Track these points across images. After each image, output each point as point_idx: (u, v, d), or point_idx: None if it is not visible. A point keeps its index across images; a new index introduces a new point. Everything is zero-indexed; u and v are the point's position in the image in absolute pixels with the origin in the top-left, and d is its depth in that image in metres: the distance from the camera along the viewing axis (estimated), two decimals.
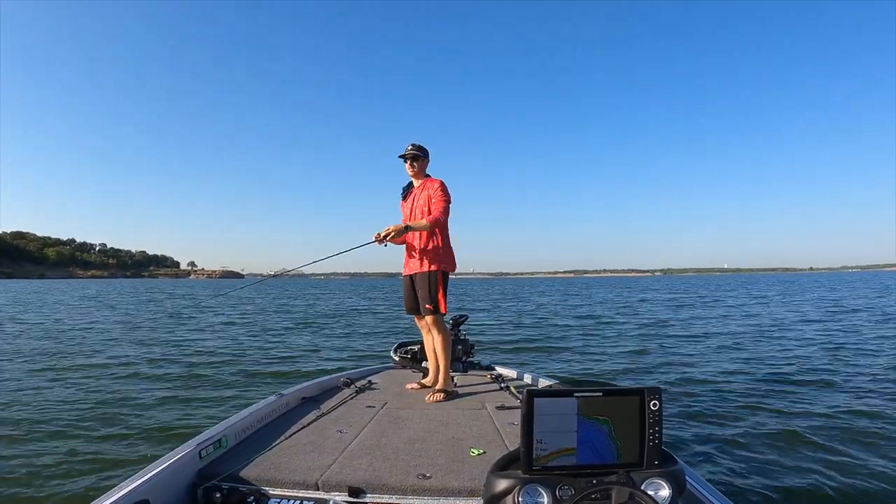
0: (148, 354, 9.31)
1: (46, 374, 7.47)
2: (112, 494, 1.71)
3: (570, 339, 11.49)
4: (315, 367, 8.15)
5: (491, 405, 3.16)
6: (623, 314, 18.69)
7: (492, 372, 4.19)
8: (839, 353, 8.79)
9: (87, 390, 6.36)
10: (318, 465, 2.11)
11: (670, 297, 32.64)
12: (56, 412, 5.31)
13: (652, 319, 16.20)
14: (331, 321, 17.17)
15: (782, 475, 3.66)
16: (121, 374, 7.45)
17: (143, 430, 4.70)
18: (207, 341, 11.31)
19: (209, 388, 6.59)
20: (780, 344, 10.14)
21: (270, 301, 29.91)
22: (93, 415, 5.23)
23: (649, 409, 1.46)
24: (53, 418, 5.09)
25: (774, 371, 7.41)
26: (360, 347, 10.53)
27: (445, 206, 3.59)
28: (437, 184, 3.66)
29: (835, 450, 4.10)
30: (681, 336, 11.82)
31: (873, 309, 18.37)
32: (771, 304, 23.13)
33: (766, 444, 4.28)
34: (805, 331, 12.22)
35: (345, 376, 3.85)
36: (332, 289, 66.43)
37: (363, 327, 14.86)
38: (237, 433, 2.48)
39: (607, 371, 7.91)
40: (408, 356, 4.38)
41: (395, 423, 2.79)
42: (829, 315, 16.29)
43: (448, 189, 3.69)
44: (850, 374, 7.02)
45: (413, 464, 2.13)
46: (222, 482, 2.00)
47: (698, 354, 9.12)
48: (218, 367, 8.01)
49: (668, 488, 1.44)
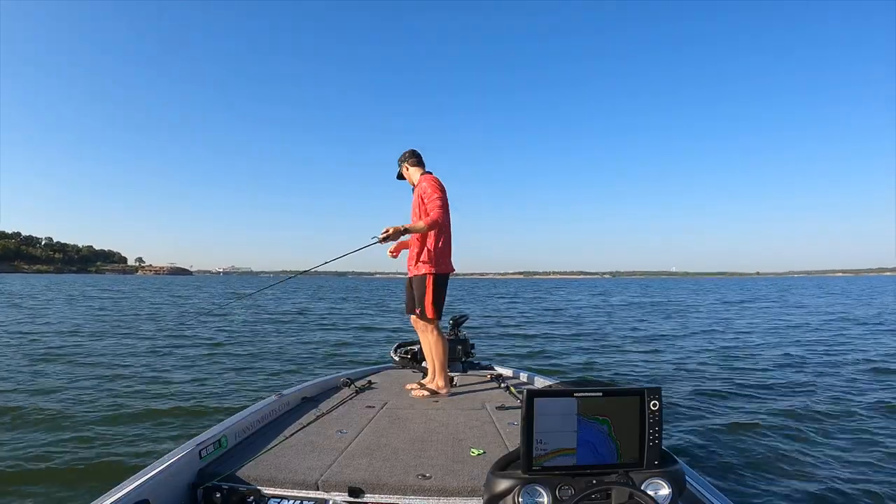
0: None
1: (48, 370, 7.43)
2: (112, 494, 1.71)
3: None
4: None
5: (491, 405, 3.17)
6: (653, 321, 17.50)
7: (491, 372, 4.20)
8: (835, 355, 9.15)
9: (100, 389, 6.35)
10: (318, 465, 2.12)
11: (655, 301, 32.01)
12: (58, 409, 5.31)
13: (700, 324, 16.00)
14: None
15: (783, 475, 3.70)
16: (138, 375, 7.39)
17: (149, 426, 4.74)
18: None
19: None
20: (775, 347, 10.36)
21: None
22: (95, 414, 5.22)
23: (649, 409, 1.47)
24: (55, 416, 5.10)
25: (774, 371, 7.60)
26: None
27: (439, 203, 3.46)
28: (427, 181, 3.58)
29: (837, 449, 4.17)
30: (696, 334, 12.04)
31: (875, 318, 17.57)
32: (757, 308, 23.37)
33: (766, 444, 4.33)
34: (800, 336, 12.37)
35: (345, 376, 3.84)
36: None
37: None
38: (237, 433, 2.48)
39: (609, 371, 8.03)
40: (407, 356, 4.38)
41: (394, 424, 2.80)
42: (825, 323, 15.90)
43: (438, 183, 3.57)
44: (848, 373, 7.28)
45: (413, 464, 2.15)
46: (222, 482, 2.01)
47: (704, 356, 9.28)
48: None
49: (667, 488, 1.46)
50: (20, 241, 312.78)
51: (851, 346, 10.45)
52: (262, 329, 13.71)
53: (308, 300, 30.77)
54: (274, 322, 15.72)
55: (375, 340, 11.89)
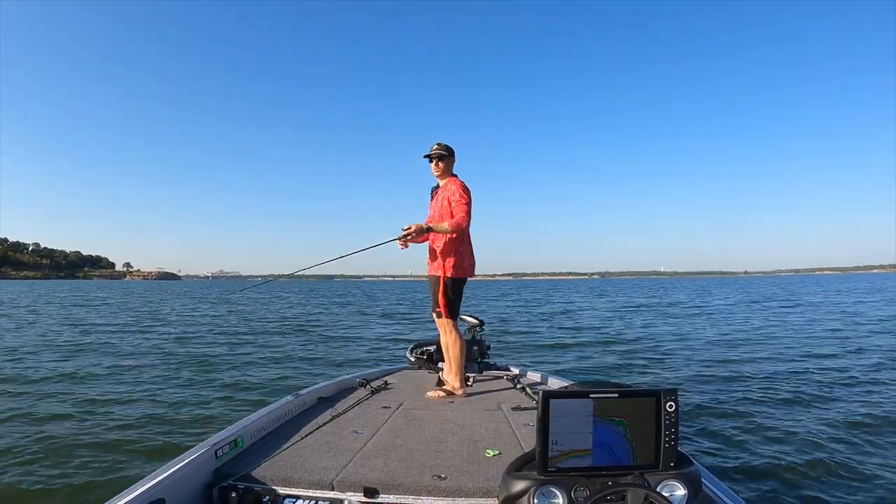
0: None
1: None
2: (128, 493, 1.73)
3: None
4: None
5: (506, 406, 3.18)
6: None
7: (507, 373, 4.19)
8: (860, 356, 8.89)
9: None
10: (334, 466, 2.14)
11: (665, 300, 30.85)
12: (76, 410, 5.40)
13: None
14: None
15: (800, 479, 3.67)
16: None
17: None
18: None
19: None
20: (794, 349, 10.09)
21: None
22: (115, 413, 5.31)
23: (665, 411, 1.47)
24: (72, 415, 5.19)
25: (793, 373, 7.40)
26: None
27: (466, 209, 3.48)
28: (457, 185, 3.57)
29: (858, 453, 4.11)
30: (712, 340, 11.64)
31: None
32: (775, 308, 22.51)
33: (784, 447, 4.28)
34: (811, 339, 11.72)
35: (361, 377, 3.86)
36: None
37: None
38: (253, 433, 2.50)
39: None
40: (423, 357, 4.39)
41: (410, 424, 2.81)
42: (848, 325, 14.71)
43: (468, 190, 3.58)
44: (867, 378, 6.99)
45: (428, 464, 2.16)
46: (238, 482, 2.02)
47: (716, 357, 9.12)
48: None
49: (683, 490, 1.46)
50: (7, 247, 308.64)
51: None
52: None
53: (320, 307, 27.55)
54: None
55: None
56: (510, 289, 75.37)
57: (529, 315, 20.28)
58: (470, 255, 3.75)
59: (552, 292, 52.80)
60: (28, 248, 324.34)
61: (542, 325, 16.17)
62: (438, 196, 3.69)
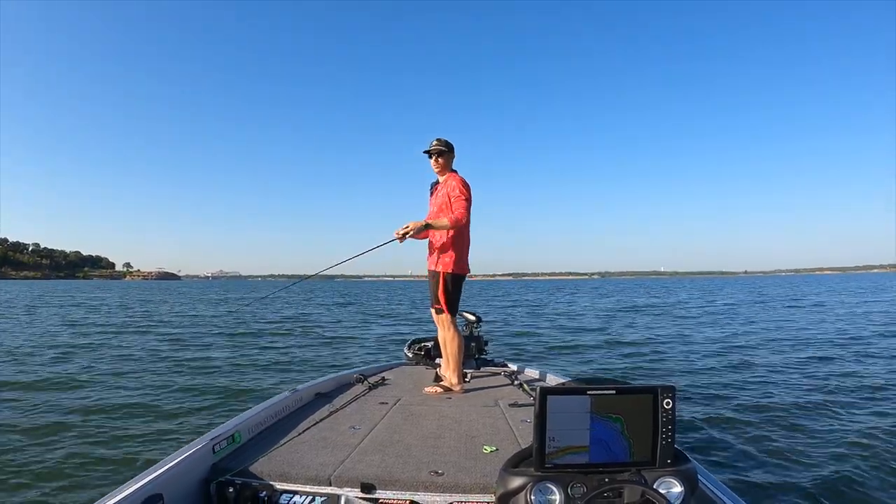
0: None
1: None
2: (126, 488, 1.72)
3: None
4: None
5: (504, 402, 3.18)
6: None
7: (505, 369, 4.22)
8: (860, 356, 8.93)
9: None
10: (331, 461, 2.14)
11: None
12: (77, 405, 5.42)
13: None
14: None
15: (796, 475, 3.69)
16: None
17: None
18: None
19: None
20: (792, 348, 10.14)
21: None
22: (115, 409, 5.35)
23: (662, 408, 1.47)
24: (72, 410, 5.21)
25: (794, 373, 7.44)
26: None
27: (466, 205, 3.48)
28: (457, 181, 3.57)
29: (853, 450, 4.14)
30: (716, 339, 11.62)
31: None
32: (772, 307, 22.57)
33: (780, 444, 4.31)
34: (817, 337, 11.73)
35: (358, 373, 3.86)
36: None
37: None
38: (250, 428, 2.50)
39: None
40: (421, 353, 4.40)
41: (408, 420, 2.82)
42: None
43: (468, 186, 3.58)
44: (866, 375, 7.08)
45: (425, 460, 2.17)
46: (235, 477, 2.02)
47: (717, 356, 9.15)
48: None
49: (680, 487, 1.46)
50: (7, 247, 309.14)
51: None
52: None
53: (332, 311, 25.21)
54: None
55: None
56: (512, 288, 75.33)
57: (543, 318, 19.50)
58: (468, 252, 3.76)
59: (555, 292, 52.86)
60: (28, 249, 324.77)
61: (545, 326, 16.09)
62: (438, 192, 3.70)
